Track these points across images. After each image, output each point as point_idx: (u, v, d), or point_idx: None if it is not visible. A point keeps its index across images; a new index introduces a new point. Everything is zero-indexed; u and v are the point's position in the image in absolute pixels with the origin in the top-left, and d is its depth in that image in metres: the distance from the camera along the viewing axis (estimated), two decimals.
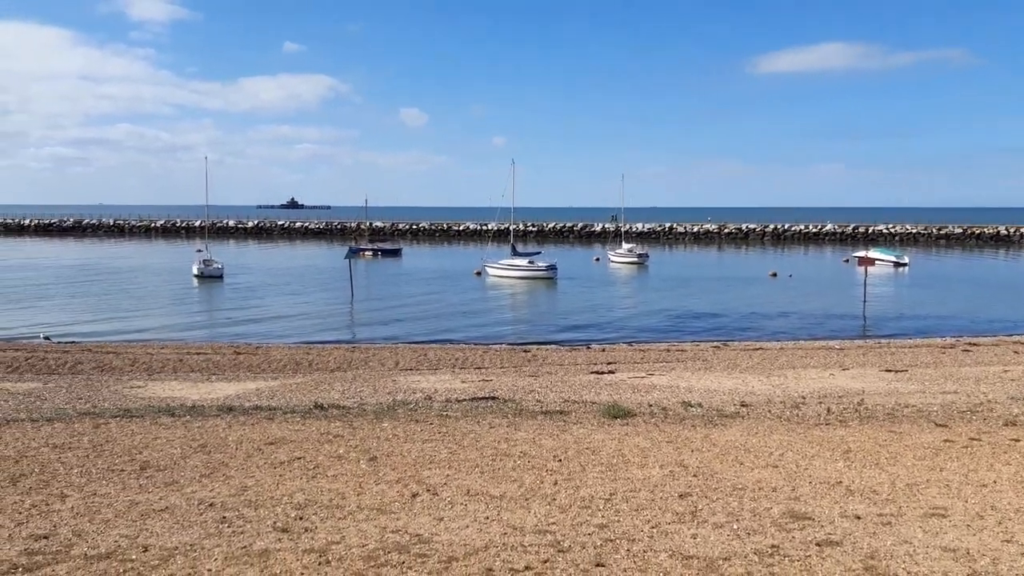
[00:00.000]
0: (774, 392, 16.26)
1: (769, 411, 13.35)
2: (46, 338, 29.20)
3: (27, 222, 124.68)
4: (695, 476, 8.65)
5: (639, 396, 15.62)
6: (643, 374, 19.90)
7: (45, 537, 6.64)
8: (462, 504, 7.60)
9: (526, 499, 7.77)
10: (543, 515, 7.27)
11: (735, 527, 6.96)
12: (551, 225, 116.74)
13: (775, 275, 58.38)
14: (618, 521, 7.11)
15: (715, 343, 29.15)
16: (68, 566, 5.97)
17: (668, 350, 26.81)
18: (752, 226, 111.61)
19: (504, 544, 6.48)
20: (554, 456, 9.51)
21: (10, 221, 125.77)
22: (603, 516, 7.24)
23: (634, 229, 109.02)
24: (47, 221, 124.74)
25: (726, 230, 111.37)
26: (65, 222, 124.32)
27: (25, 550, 6.33)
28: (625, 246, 73.63)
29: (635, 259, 68.92)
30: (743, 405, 14.08)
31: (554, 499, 7.78)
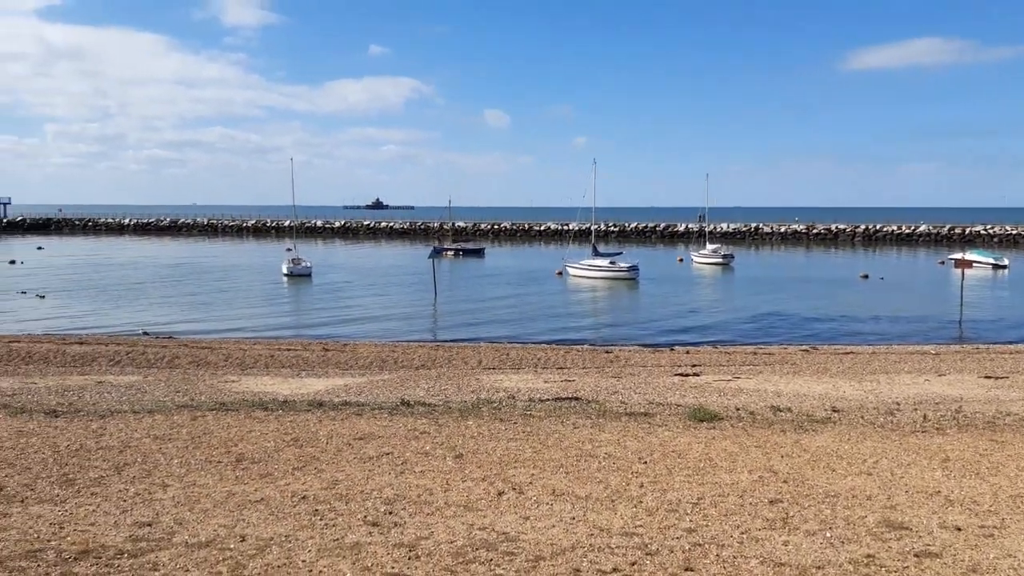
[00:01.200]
0: (866, 397, 15.79)
1: (862, 417, 12.97)
2: (145, 333, 30.43)
3: (126, 221, 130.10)
4: (785, 482, 8.47)
5: (725, 399, 15.37)
6: (729, 377, 19.57)
7: (148, 524, 6.93)
8: (548, 504, 7.62)
9: (612, 501, 7.74)
10: (629, 517, 7.23)
11: (828, 535, 6.79)
12: (633, 225, 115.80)
13: (866, 277, 56.65)
14: (706, 526, 7.02)
15: (804, 346, 28.46)
16: (170, 553, 6.22)
17: (755, 353, 26.31)
18: (842, 226, 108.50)
19: (591, 545, 6.47)
20: (639, 458, 9.45)
21: (111, 220, 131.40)
22: (691, 520, 7.16)
23: (719, 229, 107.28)
24: (145, 221, 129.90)
25: (814, 230, 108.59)
26: (162, 221, 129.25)
27: (130, 536, 6.61)
28: (709, 246, 72.50)
29: (720, 260, 67.81)
30: (834, 410, 13.70)
31: (640, 501, 7.72)
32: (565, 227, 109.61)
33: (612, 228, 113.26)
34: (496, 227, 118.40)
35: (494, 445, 10.03)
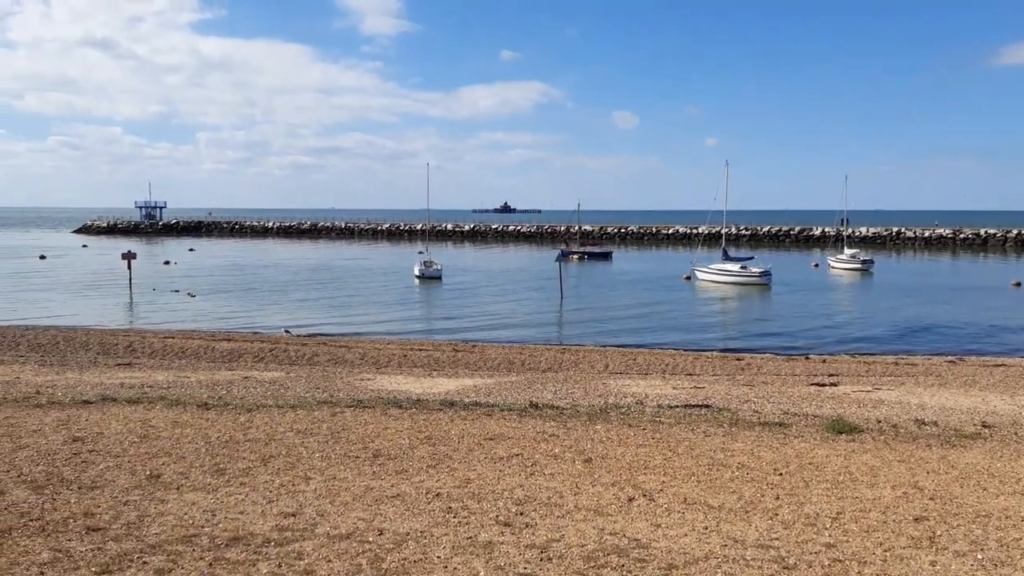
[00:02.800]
0: (1020, 413, 14.79)
1: (1015, 433, 12.17)
2: (287, 331, 31.87)
3: (270, 225, 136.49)
4: (932, 499, 8.06)
5: (865, 411, 14.73)
6: (868, 388, 18.74)
7: (293, 515, 7.26)
8: (679, 512, 7.52)
9: (746, 512, 7.57)
10: (765, 529, 7.05)
11: (979, 557, 6.42)
12: (766, 229, 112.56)
13: (1019, 285, 53.05)
14: (847, 541, 6.76)
15: (950, 357, 26.94)
16: (313, 543, 6.50)
17: (896, 363, 25.09)
18: (991, 231, 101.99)
19: (725, 556, 6.36)
20: (774, 469, 9.19)
21: (256, 224, 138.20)
22: (830, 535, 6.92)
23: (857, 233, 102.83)
24: (287, 224, 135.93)
25: (961, 235, 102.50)
26: (303, 225, 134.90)
27: (276, 526, 6.95)
28: (847, 251, 69.62)
29: (858, 265, 65.01)
30: (984, 426, 12.91)
31: (776, 514, 7.52)
32: (694, 230, 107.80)
33: (743, 232, 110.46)
34: (623, 230, 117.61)
35: (623, 450, 9.98)
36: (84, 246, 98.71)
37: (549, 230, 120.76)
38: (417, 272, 57.48)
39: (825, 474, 9.01)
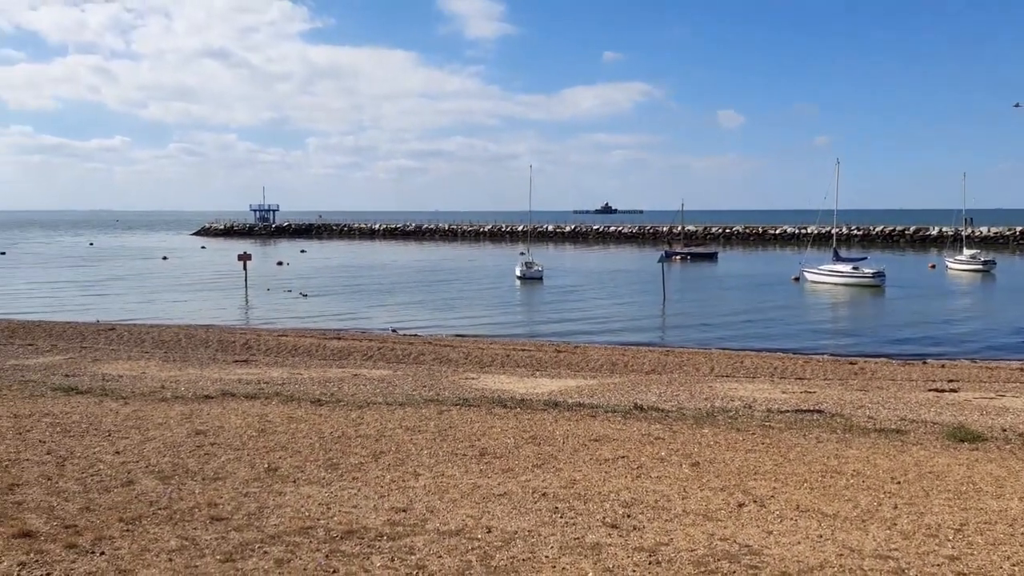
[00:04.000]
0: None
1: None
2: (393, 331, 32.58)
3: (377, 227, 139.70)
4: None
5: (989, 419, 14.02)
6: (992, 394, 17.82)
7: (403, 510, 7.43)
8: (792, 519, 7.34)
9: (863, 521, 7.33)
10: (883, 539, 6.81)
11: None
12: (879, 228, 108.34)
13: None
14: (971, 554, 6.46)
15: None
16: (424, 539, 6.64)
17: (1022, 369, 23.76)
18: None
19: (840, 566, 6.17)
20: (892, 478, 8.86)
21: (363, 226, 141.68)
22: (953, 547, 6.63)
23: (977, 233, 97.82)
24: (393, 226, 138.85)
25: None
26: (407, 227, 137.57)
27: (388, 520, 7.13)
28: (967, 252, 66.30)
29: (979, 266, 61.83)
30: None
31: (894, 524, 7.25)
32: (802, 230, 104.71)
33: (855, 232, 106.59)
34: (728, 231, 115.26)
35: (732, 455, 9.81)
36: (203, 248, 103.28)
37: (651, 231, 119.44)
38: (519, 273, 57.76)
39: (946, 484, 8.63)
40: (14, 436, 10.21)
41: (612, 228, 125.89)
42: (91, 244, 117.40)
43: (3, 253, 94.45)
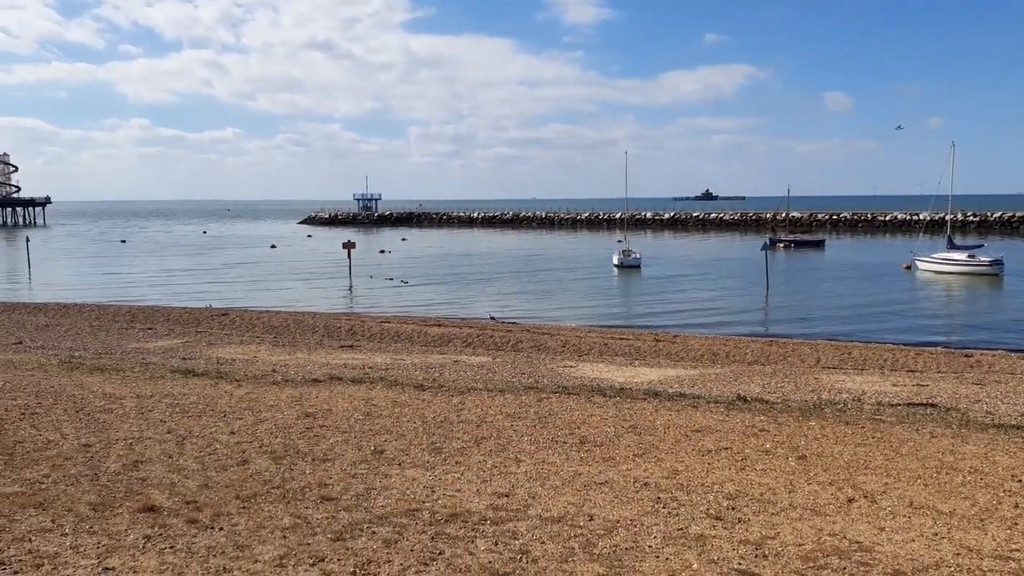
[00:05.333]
0: None
1: None
2: (492, 318, 32.89)
3: (475, 215, 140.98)
4: None
5: None
6: None
7: (506, 495, 7.52)
8: (905, 516, 7.09)
9: (980, 519, 7.02)
10: (1003, 539, 6.51)
11: None
12: (997, 215, 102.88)
13: None
14: None
15: None
16: (527, 524, 6.70)
17: None
18: None
19: (958, 565, 5.93)
20: (1012, 475, 8.44)
21: (462, 214, 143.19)
22: None
23: None
24: (491, 214, 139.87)
25: None
26: (505, 215, 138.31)
27: (491, 505, 7.23)
28: None
29: None
30: None
31: (1015, 523, 6.92)
32: (914, 217, 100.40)
33: (971, 218, 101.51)
34: (835, 217, 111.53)
35: (840, 449, 9.53)
36: (309, 236, 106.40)
37: (754, 217, 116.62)
38: (616, 261, 57.38)
39: None
40: (137, 416, 10.78)
41: (713, 215, 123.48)
42: (204, 232, 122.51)
43: (124, 241, 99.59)
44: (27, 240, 62.86)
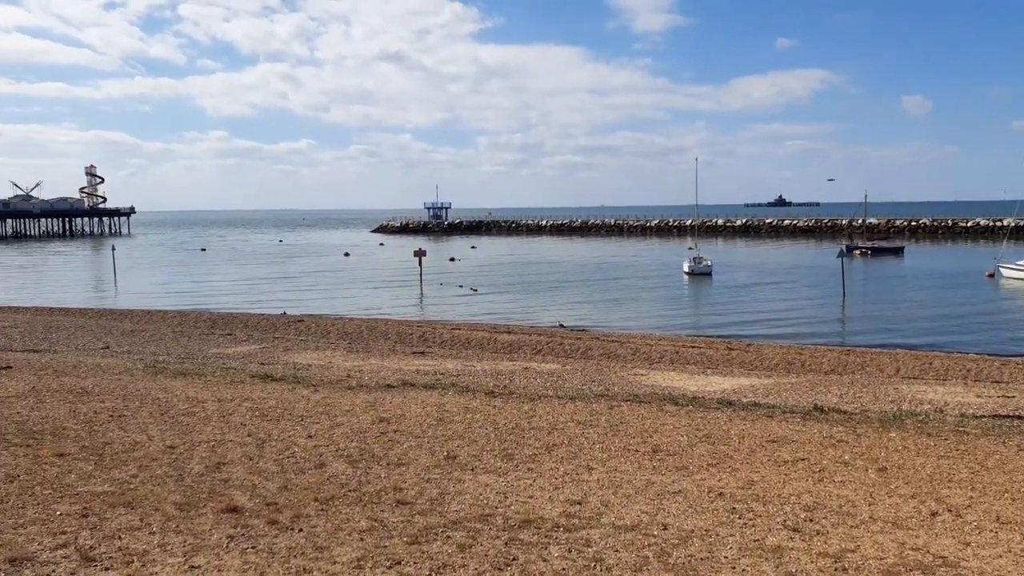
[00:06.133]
0: None
1: None
2: (562, 326, 32.88)
3: (544, 223, 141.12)
4: None
5: None
6: None
7: (578, 503, 7.52)
8: (991, 531, 6.86)
9: None
10: None
11: None
12: None
13: None
14: None
15: None
16: (600, 532, 6.69)
17: None
18: None
19: None
20: None
21: (530, 222, 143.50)
22: None
23: None
24: (559, 222, 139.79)
25: None
26: (573, 222, 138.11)
27: (563, 512, 7.24)
28: None
29: None
30: None
31: None
32: (998, 223, 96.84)
33: None
34: (914, 223, 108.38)
35: (922, 461, 9.26)
36: (381, 244, 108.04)
37: (829, 224, 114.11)
38: (687, 268, 56.81)
39: None
40: (219, 419, 11.12)
41: (786, 222, 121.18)
42: (280, 241, 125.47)
43: (204, 250, 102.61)
44: (113, 249, 65.30)
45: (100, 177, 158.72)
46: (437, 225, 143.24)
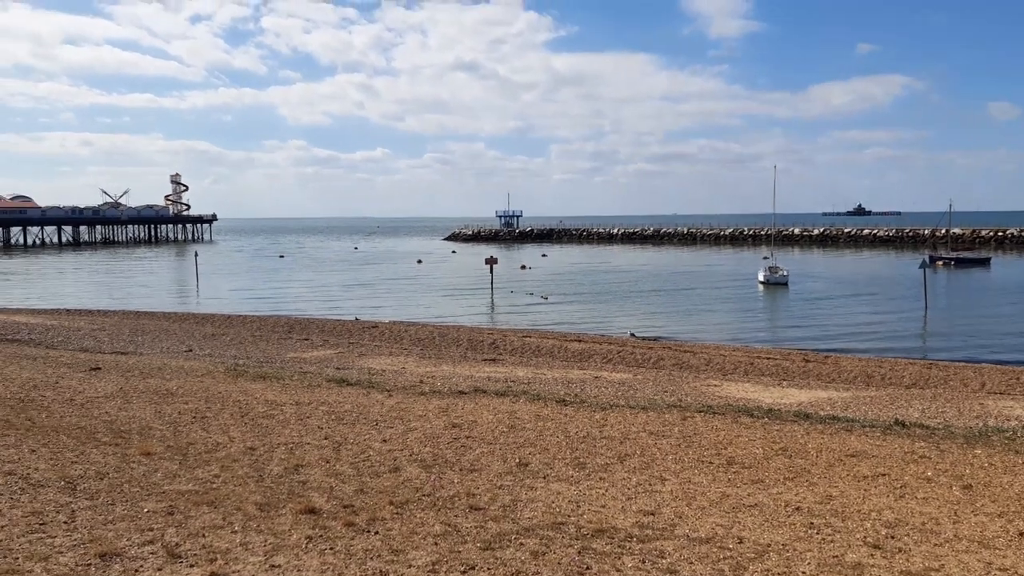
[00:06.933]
0: None
1: None
2: (632, 335, 32.64)
3: (615, 231, 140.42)
4: None
5: None
6: None
7: (651, 514, 7.47)
8: None
9: None
10: None
11: None
12: None
13: None
14: None
15: None
16: (674, 544, 6.64)
17: None
18: None
19: None
20: None
21: (602, 231, 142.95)
22: None
23: None
24: (631, 230, 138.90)
25: None
26: (646, 231, 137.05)
27: (636, 523, 7.20)
28: None
29: None
30: None
31: None
32: None
33: None
34: (1000, 233, 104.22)
35: (1010, 479, 8.93)
36: (453, 252, 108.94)
37: (910, 234, 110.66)
38: (762, 278, 55.76)
39: None
40: (296, 422, 11.39)
41: (866, 231, 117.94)
42: (356, 248, 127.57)
43: (282, 256, 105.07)
44: (195, 255, 67.35)
45: (184, 185, 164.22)
46: (508, 233, 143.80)
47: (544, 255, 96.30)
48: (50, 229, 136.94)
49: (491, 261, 51.62)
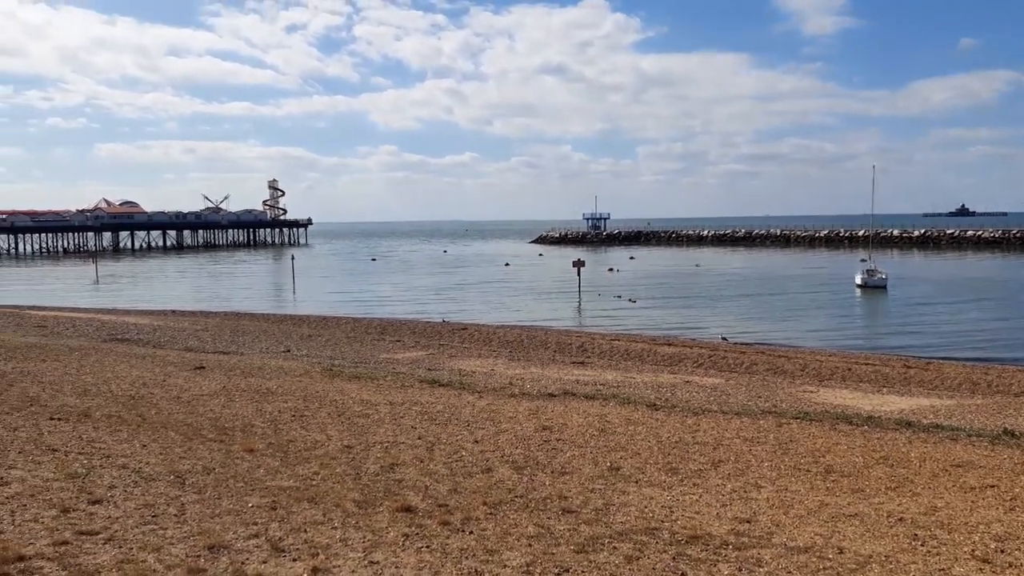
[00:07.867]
0: None
1: None
2: (724, 339, 32.11)
3: (705, 233, 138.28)
4: None
5: None
6: None
7: (747, 521, 7.36)
8: None
9: None
10: None
11: None
12: None
13: None
14: None
15: None
16: (771, 552, 6.53)
17: None
18: None
19: None
20: None
21: (691, 232, 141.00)
22: None
23: None
24: (722, 232, 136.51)
25: None
26: (737, 233, 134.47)
27: (731, 530, 7.11)
28: None
29: None
30: None
31: None
32: None
33: None
34: None
35: None
36: (540, 255, 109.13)
37: (1018, 235, 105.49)
38: (859, 281, 54.03)
39: None
40: (391, 422, 11.63)
41: (969, 232, 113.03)
42: (445, 251, 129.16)
43: (374, 259, 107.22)
44: (292, 258, 69.38)
45: (281, 190, 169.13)
46: (595, 235, 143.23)
47: (632, 258, 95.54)
48: (155, 233, 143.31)
49: (578, 264, 51.51)
